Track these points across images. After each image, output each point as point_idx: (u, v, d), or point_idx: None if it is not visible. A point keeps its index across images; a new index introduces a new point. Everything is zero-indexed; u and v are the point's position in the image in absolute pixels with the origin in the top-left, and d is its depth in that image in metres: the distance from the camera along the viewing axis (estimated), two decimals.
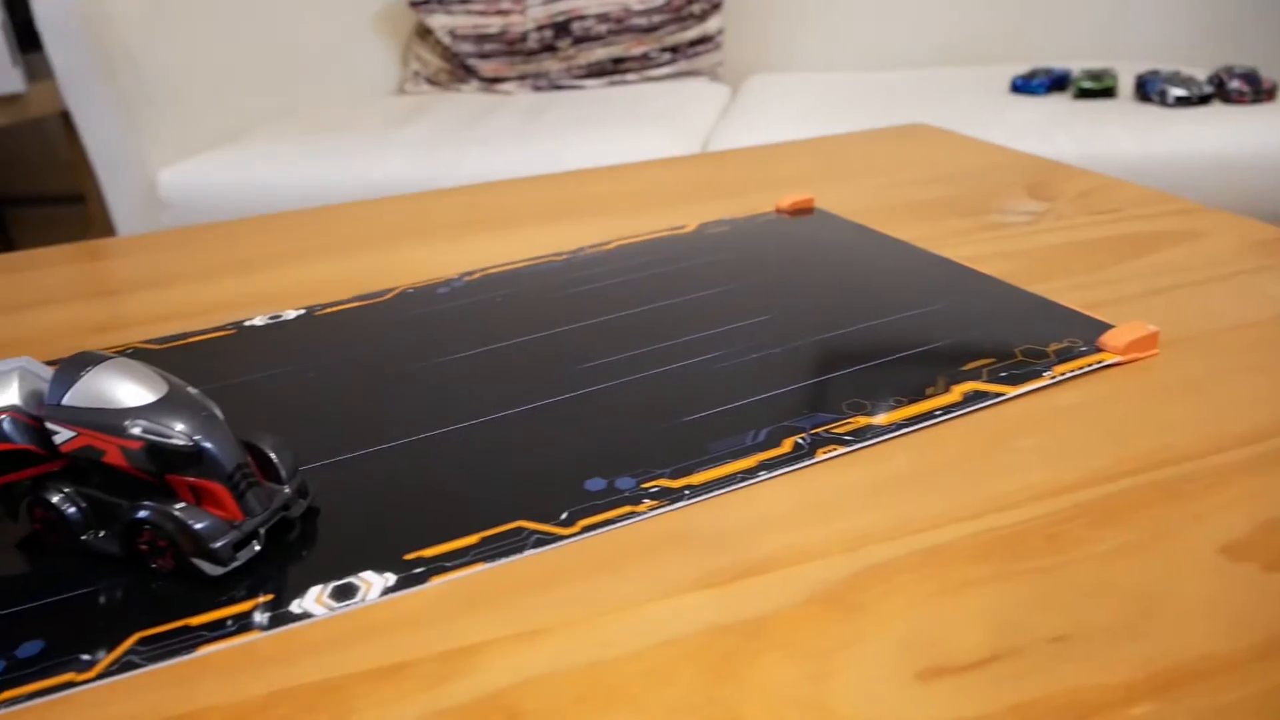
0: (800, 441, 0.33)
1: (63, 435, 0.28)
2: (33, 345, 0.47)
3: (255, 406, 0.39)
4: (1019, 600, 0.26)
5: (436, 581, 0.28)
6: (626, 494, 0.31)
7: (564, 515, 0.30)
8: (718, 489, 0.31)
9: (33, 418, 0.29)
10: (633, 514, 0.30)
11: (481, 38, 1.55)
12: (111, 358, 0.30)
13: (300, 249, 0.58)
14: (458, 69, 1.59)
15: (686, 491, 0.31)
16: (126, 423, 0.28)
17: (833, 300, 0.44)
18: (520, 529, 0.30)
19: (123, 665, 0.25)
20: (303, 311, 0.47)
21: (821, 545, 0.28)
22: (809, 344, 0.40)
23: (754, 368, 0.38)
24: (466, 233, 0.59)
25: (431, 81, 1.61)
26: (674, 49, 1.54)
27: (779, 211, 0.58)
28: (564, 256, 0.52)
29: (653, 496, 0.31)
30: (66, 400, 0.28)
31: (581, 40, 1.52)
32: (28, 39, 1.52)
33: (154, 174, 1.23)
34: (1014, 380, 0.36)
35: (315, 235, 0.60)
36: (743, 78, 1.59)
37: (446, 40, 1.56)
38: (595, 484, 0.32)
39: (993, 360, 0.38)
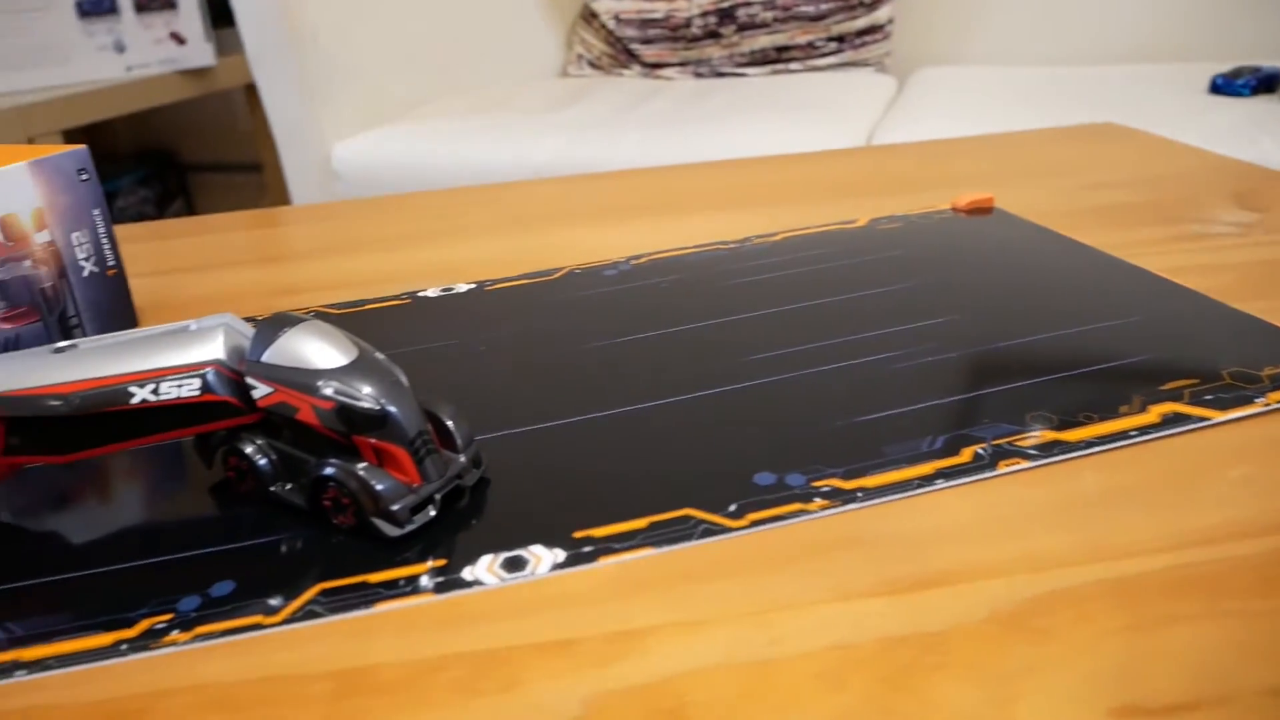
0: (980, 452, 0.32)
1: (260, 390, 0.30)
2: (221, 304, 0.50)
3: (427, 375, 0.40)
4: (1227, 644, 0.24)
5: (604, 562, 0.28)
6: (797, 491, 0.30)
7: (732, 507, 0.30)
8: (893, 494, 0.30)
9: (234, 372, 0.30)
10: (803, 511, 0.29)
11: (645, 22, 1.55)
12: (307, 319, 0.31)
13: (470, 224, 0.59)
14: (620, 53, 1.60)
15: (860, 494, 0.30)
16: (320, 383, 0.29)
17: (1015, 306, 0.42)
18: (688, 517, 0.29)
19: (305, 613, 0.27)
20: (474, 285, 0.49)
21: (1004, 563, 0.27)
22: (989, 350, 0.38)
23: (930, 371, 0.37)
24: (632, 216, 0.59)
25: (594, 65, 1.63)
26: (840, 38, 1.50)
27: (955, 210, 0.55)
28: (731, 245, 0.52)
29: (824, 496, 0.30)
30: (266, 357, 0.30)
31: (746, 27, 1.51)
32: (220, 14, 1.63)
33: (329, 147, 1.29)
34: (1221, 405, 0.34)
35: (485, 211, 0.62)
36: (911, 70, 1.54)
37: (610, 24, 1.58)
38: (764, 478, 0.31)
39: (1196, 381, 0.35)
